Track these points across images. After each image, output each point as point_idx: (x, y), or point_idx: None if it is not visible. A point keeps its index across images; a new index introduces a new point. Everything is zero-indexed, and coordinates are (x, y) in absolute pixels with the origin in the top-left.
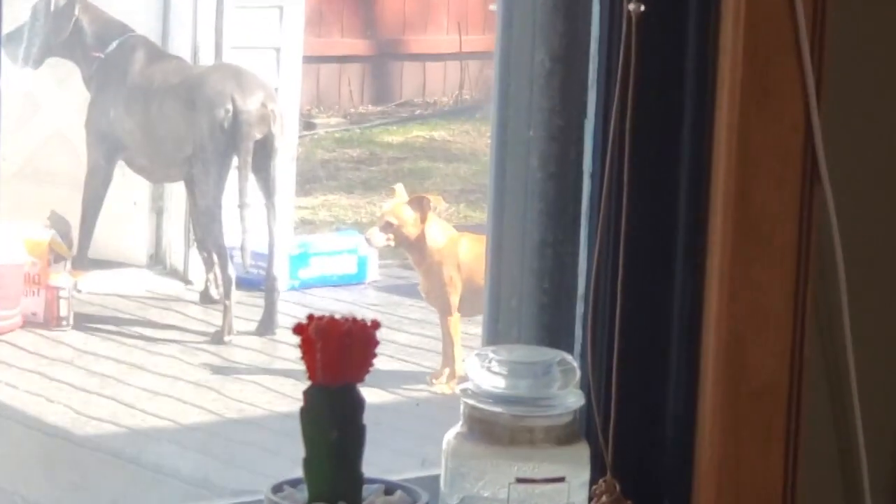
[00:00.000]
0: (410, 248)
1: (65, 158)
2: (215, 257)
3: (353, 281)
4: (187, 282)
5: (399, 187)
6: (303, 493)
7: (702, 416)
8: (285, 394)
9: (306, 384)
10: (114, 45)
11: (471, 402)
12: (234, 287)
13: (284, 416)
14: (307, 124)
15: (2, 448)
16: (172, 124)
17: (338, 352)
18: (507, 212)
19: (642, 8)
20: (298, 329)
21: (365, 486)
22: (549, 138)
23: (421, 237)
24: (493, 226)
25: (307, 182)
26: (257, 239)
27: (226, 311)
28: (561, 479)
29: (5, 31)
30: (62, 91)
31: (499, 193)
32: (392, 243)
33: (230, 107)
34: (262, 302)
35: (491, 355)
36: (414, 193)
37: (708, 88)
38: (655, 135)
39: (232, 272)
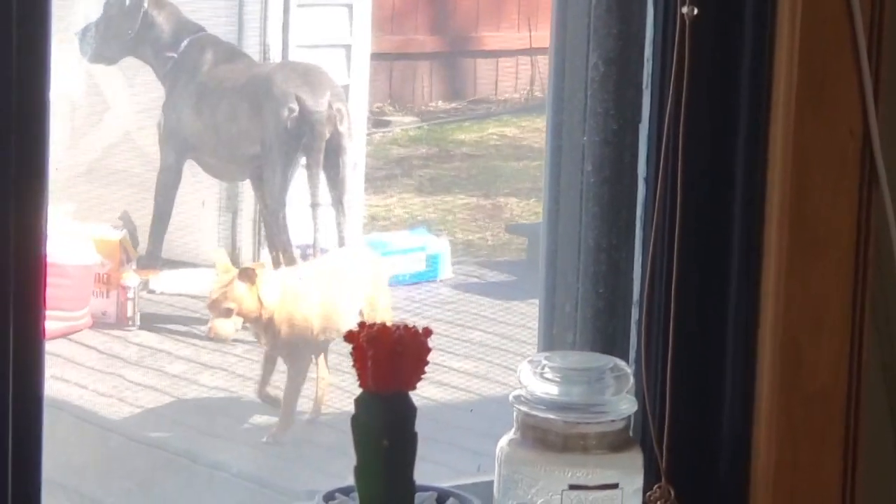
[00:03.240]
0: (255, 323)
1: (134, 159)
2: (282, 256)
3: (425, 279)
4: None
5: (220, 255)
6: (354, 502)
7: (758, 422)
8: (354, 392)
9: None
10: (185, 43)
11: (523, 408)
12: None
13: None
14: (380, 122)
15: (71, 447)
16: (240, 124)
17: (389, 359)
18: (561, 216)
19: (696, 11)
20: (350, 336)
21: (417, 494)
22: (603, 142)
23: (259, 306)
24: (547, 230)
25: (380, 180)
26: (329, 238)
27: None
28: (614, 486)
29: (78, 28)
30: (131, 91)
31: (553, 198)
32: (240, 326)
33: (295, 106)
34: None
35: (543, 362)
36: (258, 258)
37: (763, 92)
38: (710, 139)
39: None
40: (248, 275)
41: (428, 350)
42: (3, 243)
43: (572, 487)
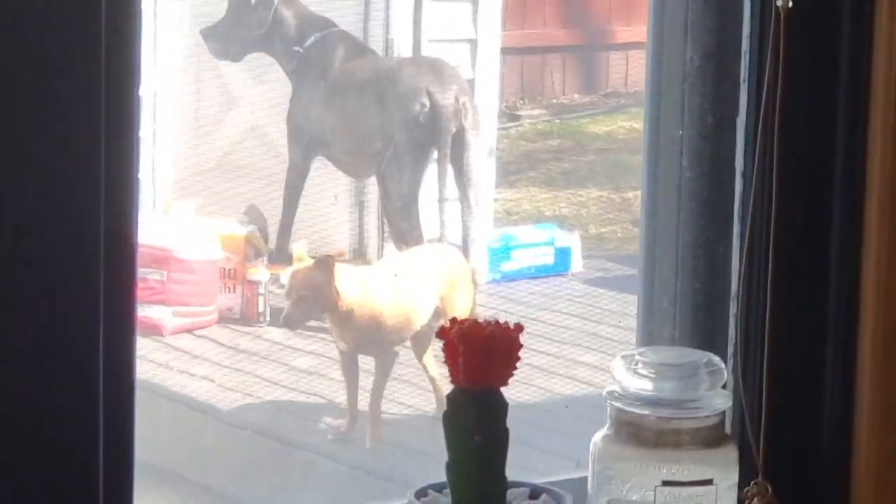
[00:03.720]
0: (332, 315)
1: (261, 153)
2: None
3: (555, 272)
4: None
5: (299, 245)
6: (447, 498)
7: (859, 417)
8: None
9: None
10: (312, 39)
11: (617, 404)
12: None
13: None
14: (511, 116)
15: (201, 444)
16: (369, 119)
17: (480, 356)
18: (659, 212)
19: (791, 3)
20: (441, 332)
21: (510, 490)
22: (700, 136)
23: (335, 296)
24: (645, 226)
25: (511, 174)
26: (457, 233)
27: None
28: (709, 482)
29: (204, 25)
30: (258, 86)
31: (651, 193)
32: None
33: (426, 101)
34: None
35: (637, 357)
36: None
37: (862, 84)
38: (808, 132)
39: None
40: (324, 264)
41: (519, 346)
42: (94, 234)
43: (666, 483)
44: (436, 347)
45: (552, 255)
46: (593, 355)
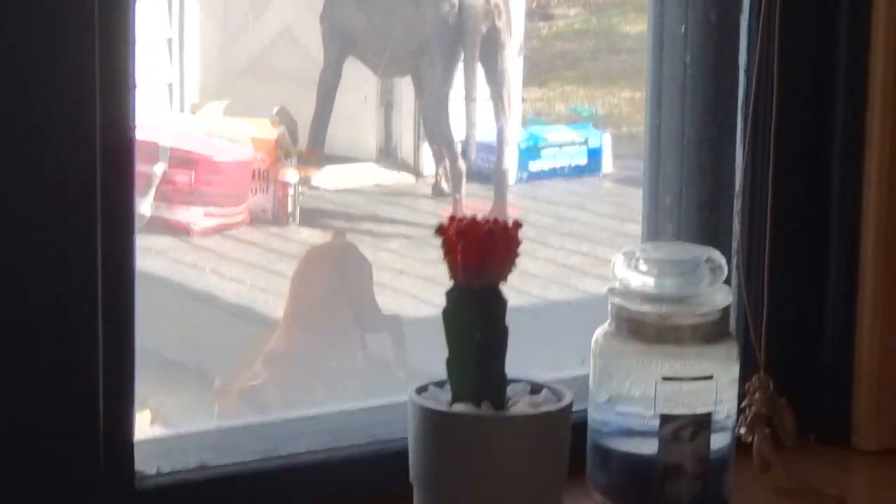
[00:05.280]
0: None
1: (293, 55)
2: (444, 151)
3: (585, 173)
4: (419, 175)
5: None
6: (447, 394)
7: (861, 310)
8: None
9: (542, 276)
10: None
11: (617, 300)
12: (464, 180)
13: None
14: (545, 15)
15: (233, 344)
16: (400, 19)
17: (479, 252)
18: (663, 109)
19: None
20: (440, 230)
21: (510, 386)
22: (704, 34)
23: None
24: (650, 124)
25: (543, 73)
26: (487, 132)
27: (456, 205)
28: (709, 378)
29: None
30: None
31: (655, 91)
32: None
33: (455, 1)
34: (493, 194)
35: (638, 254)
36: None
37: None
38: (810, 27)
39: (462, 165)
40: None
41: (518, 242)
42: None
43: (666, 379)
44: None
45: (585, 155)
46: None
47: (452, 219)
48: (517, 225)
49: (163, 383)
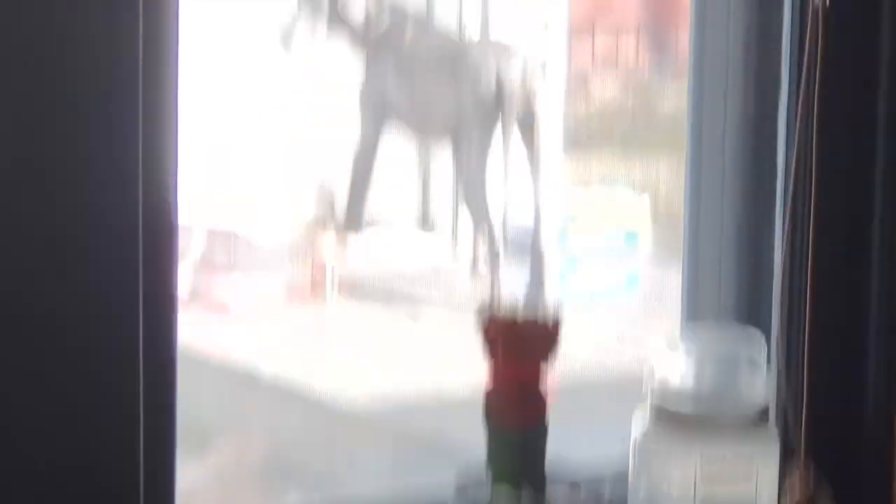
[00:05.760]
0: None
1: (332, 127)
2: (482, 228)
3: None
4: (456, 252)
5: None
6: (487, 491)
7: None
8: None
9: (575, 362)
10: (386, 13)
11: (656, 400)
12: (502, 255)
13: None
14: (586, 94)
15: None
16: (438, 96)
17: (518, 352)
18: (703, 200)
19: (828, 1)
20: (482, 330)
21: (550, 486)
22: (742, 128)
23: None
24: (689, 213)
25: (579, 144)
26: (524, 208)
27: (493, 280)
28: (749, 466)
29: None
30: (330, 58)
31: (695, 186)
32: None
33: (493, 79)
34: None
35: (676, 348)
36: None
37: None
38: (846, 126)
39: (499, 241)
40: None
41: (557, 342)
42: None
43: (706, 474)
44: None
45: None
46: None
47: (491, 318)
48: (556, 326)
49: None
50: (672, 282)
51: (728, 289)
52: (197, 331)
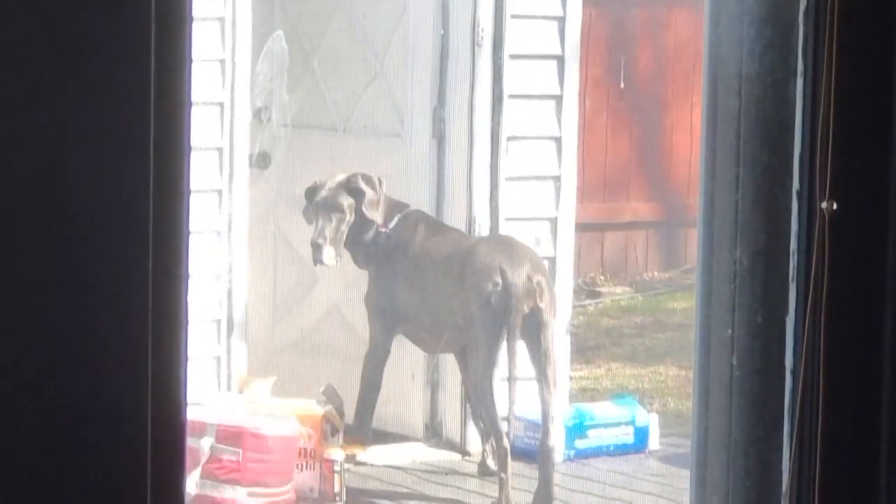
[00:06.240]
0: None
1: (340, 332)
2: (489, 429)
3: (631, 451)
4: (465, 453)
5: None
6: None
7: None
8: None
9: None
10: (396, 219)
11: None
12: (510, 459)
13: None
14: (592, 293)
15: None
16: (446, 297)
17: None
18: (711, 408)
19: (835, 206)
20: None
21: None
22: (749, 335)
23: None
24: (697, 423)
25: (590, 350)
26: (531, 410)
27: (502, 485)
28: None
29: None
30: (339, 266)
31: (703, 393)
32: None
33: (499, 280)
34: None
35: None
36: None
37: None
38: (855, 332)
39: (507, 444)
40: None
41: None
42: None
43: None
44: None
45: (632, 434)
46: None
47: None
48: None
49: None
50: None
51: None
52: None
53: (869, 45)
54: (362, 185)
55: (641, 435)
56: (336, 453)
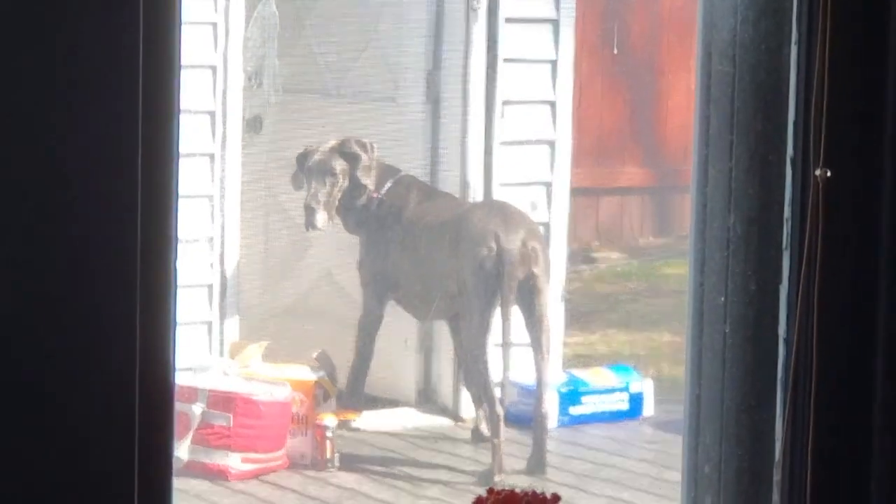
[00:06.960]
0: None
1: (334, 298)
2: (482, 395)
3: (626, 417)
4: (458, 419)
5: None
6: None
7: None
8: None
9: None
10: (389, 184)
11: None
12: (503, 425)
13: None
14: (587, 258)
15: None
16: (440, 263)
17: None
18: (704, 376)
19: (829, 173)
20: (478, 502)
21: None
22: (743, 303)
23: None
24: (689, 390)
25: (584, 316)
26: (525, 376)
27: (494, 451)
28: None
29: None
30: (332, 231)
31: (695, 361)
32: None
33: (493, 245)
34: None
35: None
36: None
37: None
38: (850, 298)
39: (500, 410)
40: None
41: None
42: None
43: None
44: None
45: (627, 402)
46: (661, 502)
47: (490, 491)
48: (556, 498)
49: None
50: None
51: (728, 479)
52: (195, 496)
53: (863, 13)
54: (356, 149)
55: (636, 402)
56: (328, 419)
